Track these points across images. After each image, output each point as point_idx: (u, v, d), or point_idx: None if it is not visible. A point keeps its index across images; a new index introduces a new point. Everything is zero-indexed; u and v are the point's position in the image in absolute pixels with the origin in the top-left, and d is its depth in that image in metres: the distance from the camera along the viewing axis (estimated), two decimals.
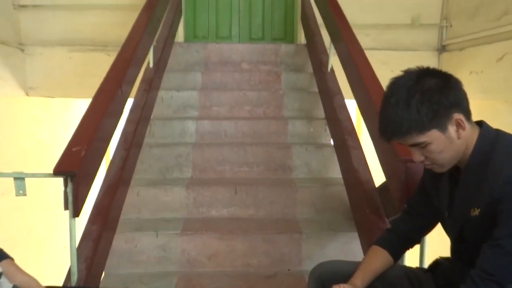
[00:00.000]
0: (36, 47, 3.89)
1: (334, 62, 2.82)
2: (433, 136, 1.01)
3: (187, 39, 3.95)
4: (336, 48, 2.71)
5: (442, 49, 4.02)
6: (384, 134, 1.08)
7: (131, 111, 2.52)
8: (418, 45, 4.03)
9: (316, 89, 3.08)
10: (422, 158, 1.07)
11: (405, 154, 1.42)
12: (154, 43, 3.01)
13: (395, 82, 1.08)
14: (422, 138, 1.02)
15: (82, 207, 1.51)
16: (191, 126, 2.75)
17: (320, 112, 2.96)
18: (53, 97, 4.11)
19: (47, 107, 4.35)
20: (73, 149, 1.53)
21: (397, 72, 1.14)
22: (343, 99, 2.65)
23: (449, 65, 3.88)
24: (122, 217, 2.17)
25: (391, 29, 3.98)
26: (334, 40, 2.75)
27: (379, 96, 1.32)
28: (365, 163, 2.13)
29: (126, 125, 2.41)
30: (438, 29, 4.03)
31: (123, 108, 2.18)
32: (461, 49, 3.69)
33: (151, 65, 2.80)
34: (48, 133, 4.34)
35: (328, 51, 3.01)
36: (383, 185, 1.88)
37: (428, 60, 4.01)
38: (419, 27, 3.98)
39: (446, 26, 3.97)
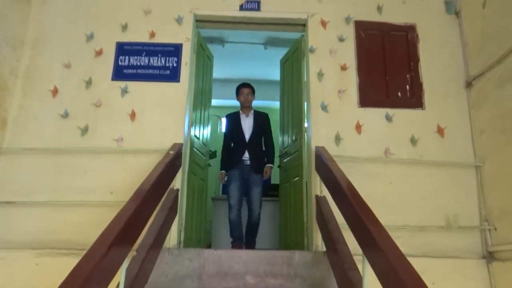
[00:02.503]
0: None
1: (371, 283, 2.07)
2: None
3: (180, 243, 3.32)
4: (370, 260, 2.01)
5: (489, 256, 3.30)
6: None
7: None
8: (459, 251, 3.35)
9: None
10: None
11: None
12: (134, 252, 2.35)
13: None
14: None
15: None
16: None
17: None
18: None
19: None
20: None
21: (440, 285, 0.51)
22: None
23: (504, 278, 3.11)
24: None
25: (425, 232, 3.35)
26: (366, 250, 2.07)
27: None
28: None
29: None
30: (480, 233, 3.40)
31: None
32: None
33: (121, 287, 2.06)
34: None
35: (356, 263, 2.32)
36: None
37: (475, 270, 3.28)
38: (457, 230, 3.36)
39: (489, 229, 3.34)
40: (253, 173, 4.19)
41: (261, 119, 4.40)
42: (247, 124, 4.35)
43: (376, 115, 3.67)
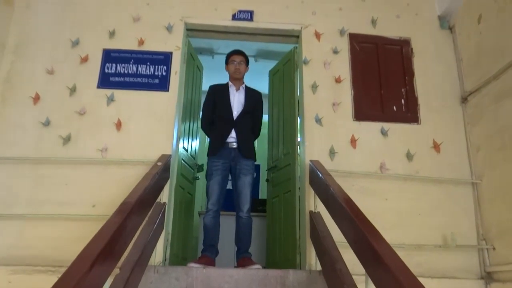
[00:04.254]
0: None
1: None
2: None
3: (166, 260, 3.13)
4: (375, 280, 1.87)
5: (488, 277, 3.19)
6: None
7: None
8: (457, 271, 3.24)
9: None
10: None
11: None
12: (117, 270, 2.17)
13: None
14: None
15: None
16: None
17: None
18: None
19: None
20: None
21: None
22: None
23: None
24: None
25: (422, 251, 3.23)
26: (371, 269, 1.93)
27: None
28: None
29: None
30: (478, 252, 3.29)
31: None
32: None
33: None
34: None
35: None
36: None
37: None
38: (455, 249, 3.25)
39: (487, 249, 3.24)
40: (241, 158, 3.38)
41: (254, 97, 3.61)
42: (236, 99, 3.52)
43: (372, 129, 3.58)
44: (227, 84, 3.63)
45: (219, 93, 3.57)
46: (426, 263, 3.22)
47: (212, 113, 3.57)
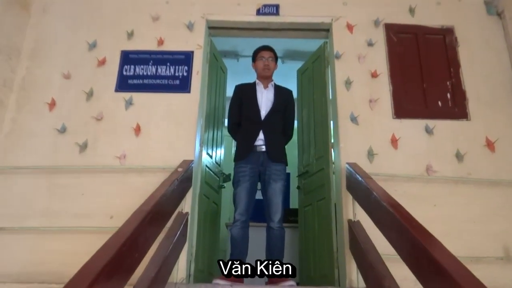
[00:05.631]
0: None
1: None
2: None
3: (190, 276, 2.84)
4: None
5: None
6: None
7: None
8: None
9: None
10: None
11: None
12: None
13: None
14: None
15: None
16: None
17: None
18: None
19: None
20: None
21: None
22: None
23: None
24: None
25: (479, 264, 2.81)
26: (432, 286, 1.57)
27: None
28: None
29: None
30: None
31: None
32: None
33: None
34: None
35: None
36: None
37: None
38: None
39: None
40: (270, 163, 3.08)
41: (285, 95, 3.31)
42: (264, 98, 3.23)
43: (414, 127, 3.20)
44: (254, 82, 3.35)
45: (245, 92, 3.30)
46: (485, 278, 2.70)
47: (239, 114, 3.29)
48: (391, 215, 1.95)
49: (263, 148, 3.10)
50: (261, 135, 3.12)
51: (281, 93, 3.29)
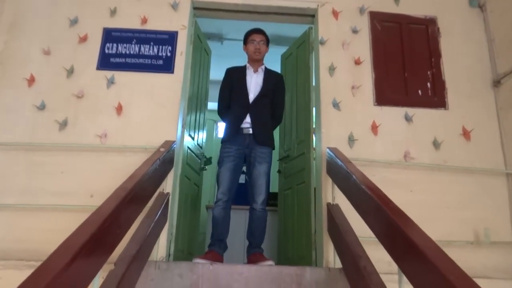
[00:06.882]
0: None
1: None
2: None
3: (170, 256, 2.86)
4: (413, 279, 1.56)
5: None
6: None
7: None
8: (489, 270, 2.91)
9: None
10: None
11: None
12: (111, 263, 1.90)
13: None
14: None
15: None
16: None
17: None
18: None
19: None
20: None
21: None
22: None
23: None
24: None
25: (451, 247, 2.91)
26: (407, 266, 1.62)
27: None
28: None
29: None
30: None
31: None
32: None
33: None
34: None
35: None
36: None
37: None
38: (488, 246, 2.94)
39: None
40: (256, 146, 3.09)
41: (274, 79, 3.29)
42: (253, 81, 3.23)
43: (394, 115, 3.27)
44: (245, 66, 3.34)
45: (235, 76, 3.29)
46: (455, 261, 2.88)
47: (228, 97, 3.27)
48: (369, 198, 2.00)
49: (250, 131, 3.11)
50: (248, 119, 3.13)
51: (270, 77, 3.29)
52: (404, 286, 1.70)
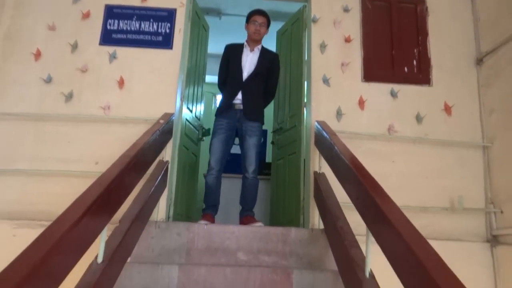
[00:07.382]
0: None
1: (375, 262, 1.89)
2: None
3: (169, 218, 3.13)
4: (377, 237, 1.82)
5: (494, 240, 3.14)
6: None
7: None
8: (463, 234, 3.19)
9: None
10: None
11: None
12: (116, 223, 2.16)
13: None
14: None
15: None
16: None
17: None
18: None
19: None
20: None
21: None
22: None
23: (508, 262, 2.96)
24: None
25: (428, 213, 3.18)
26: (373, 226, 1.88)
27: None
28: None
29: None
30: (485, 216, 3.23)
31: None
32: None
33: (99, 259, 1.85)
34: None
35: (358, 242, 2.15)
36: None
37: (478, 253, 3.12)
38: (461, 212, 3.19)
39: (495, 212, 3.18)
40: (246, 120, 3.34)
41: (269, 58, 3.50)
42: (249, 60, 3.43)
43: (381, 91, 3.46)
44: (243, 44, 3.55)
45: (232, 53, 3.51)
46: (431, 225, 3.16)
47: (226, 72, 3.53)
48: (346, 166, 2.24)
49: (241, 107, 3.36)
50: (239, 95, 3.36)
51: (265, 57, 3.48)
52: (370, 244, 1.94)
